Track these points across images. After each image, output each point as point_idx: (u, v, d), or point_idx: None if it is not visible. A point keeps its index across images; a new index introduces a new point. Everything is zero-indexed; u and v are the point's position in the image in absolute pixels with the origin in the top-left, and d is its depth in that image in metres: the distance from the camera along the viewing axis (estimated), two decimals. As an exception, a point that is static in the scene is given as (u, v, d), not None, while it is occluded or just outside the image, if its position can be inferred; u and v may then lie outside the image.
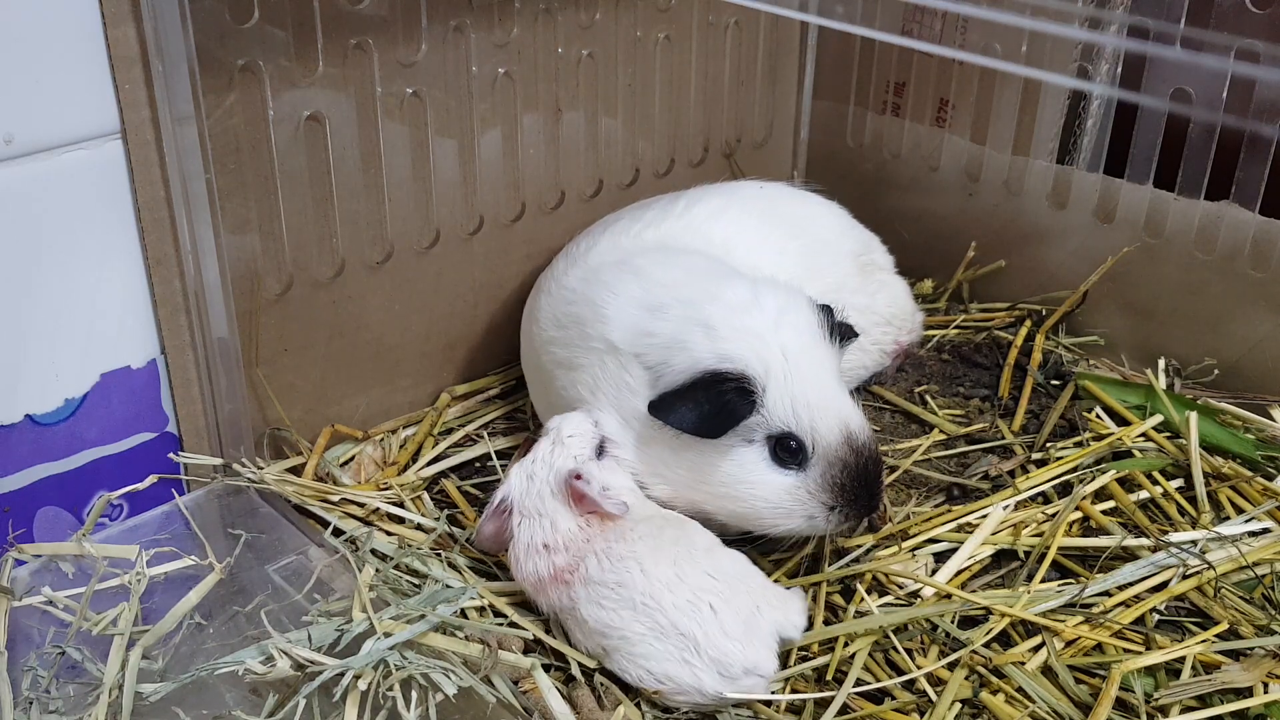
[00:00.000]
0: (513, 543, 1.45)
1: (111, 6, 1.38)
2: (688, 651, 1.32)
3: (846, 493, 1.44)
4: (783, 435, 1.44)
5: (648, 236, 1.76)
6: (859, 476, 1.45)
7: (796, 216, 1.92)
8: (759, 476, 1.45)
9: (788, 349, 1.45)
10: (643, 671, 1.34)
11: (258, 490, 1.60)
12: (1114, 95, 1.99)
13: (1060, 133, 2.08)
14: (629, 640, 1.34)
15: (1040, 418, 1.87)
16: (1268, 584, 1.50)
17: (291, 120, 1.59)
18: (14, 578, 1.41)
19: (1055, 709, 1.34)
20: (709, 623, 1.33)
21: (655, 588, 1.34)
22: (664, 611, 1.33)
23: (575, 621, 1.39)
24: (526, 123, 1.87)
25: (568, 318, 1.63)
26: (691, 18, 2.05)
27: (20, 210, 1.40)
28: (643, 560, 1.37)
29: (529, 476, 1.47)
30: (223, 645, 1.35)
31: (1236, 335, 1.90)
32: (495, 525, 1.48)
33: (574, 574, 1.39)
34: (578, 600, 1.38)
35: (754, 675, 1.33)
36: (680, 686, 1.32)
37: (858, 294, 1.85)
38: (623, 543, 1.39)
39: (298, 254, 1.67)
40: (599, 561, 1.38)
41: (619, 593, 1.35)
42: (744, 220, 1.82)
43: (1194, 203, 1.88)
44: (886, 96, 2.25)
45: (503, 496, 1.48)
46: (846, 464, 1.44)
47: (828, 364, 1.50)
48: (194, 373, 1.60)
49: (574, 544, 1.41)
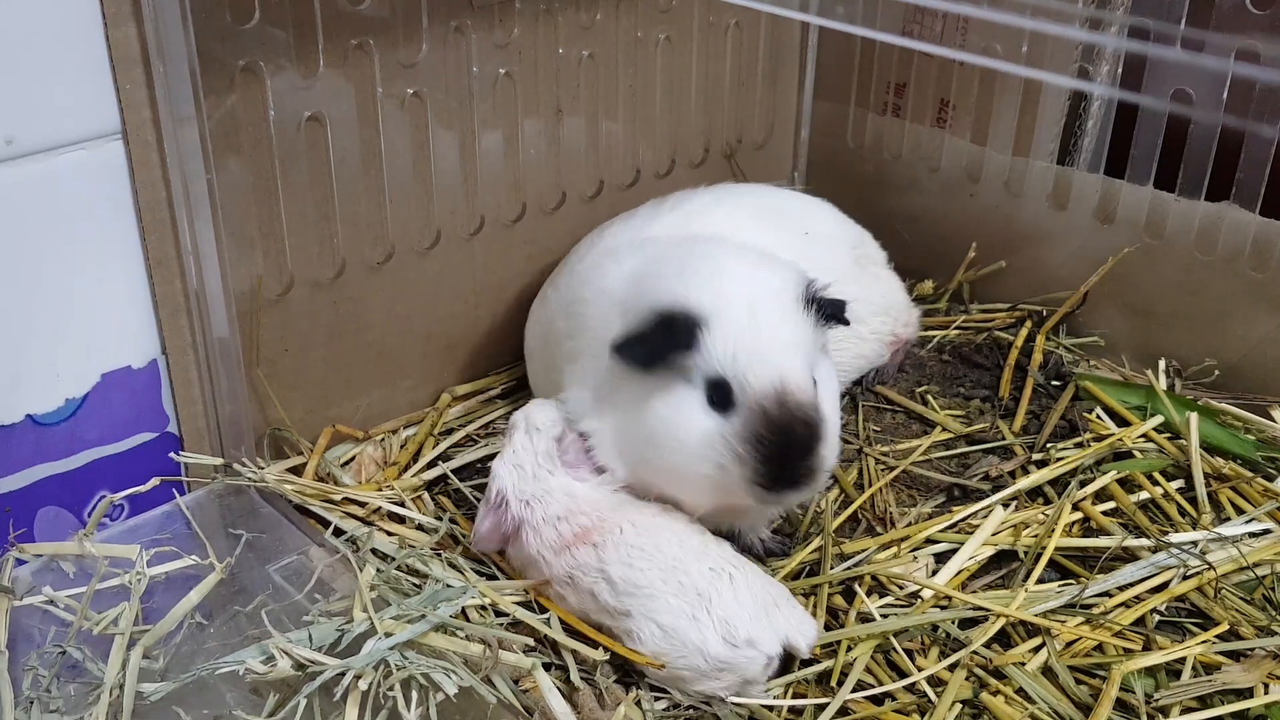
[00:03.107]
0: (521, 528, 1.47)
1: (112, 6, 1.38)
2: (699, 610, 1.36)
3: (763, 447, 1.37)
4: (717, 380, 1.40)
5: (653, 229, 1.77)
6: (781, 433, 1.37)
7: (790, 210, 1.93)
8: (686, 415, 1.42)
9: (750, 301, 1.42)
10: (654, 626, 1.37)
11: (258, 490, 1.60)
12: (1114, 95, 1.99)
13: (1060, 133, 2.08)
14: (652, 597, 1.38)
15: (1041, 418, 1.87)
16: (1268, 585, 1.50)
17: (292, 120, 1.59)
18: (15, 577, 1.41)
19: (1055, 709, 1.34)
20: (725, 588, 1.38)
21: (686, 554, 1.40)
22: (688, 574, 1.39)
23: (605, 580, 1.41)
24: (527, 123, 1.87)
25: (575, 299, 1.65)
26: (692, 19, 2.05)
27: (21, 210, 1.40)
28: (679, 531, 1.44)
29: (517, 466, 1.49)
30: (223, 645, 1.35)
31: (1237, 336, 1.90)
32: (493, 519, 1.49)
33: (606, 536, 1.42)
34: (608, 561, 1.41)
35: (755, 649, 1.35)
36: (684, 644, 1.35)
37: (853, 285, 1.83)
38: (663, 516, 1.46)
39: (298, 254, 1.67)
40: (635, 527, 1.43)
41: (652, 555, 1.40)
42: (737, 214, 1.82)
43: (1194, 203, 1.88)
44: (887, 97, 2.25)
45: (496, 491, 1.49)
46: (770, 418, 1.37)
47: (788, 326, 1.43)
48: (195, 373, 1.60)
49: (597, 506, 1.46)
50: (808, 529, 1.66)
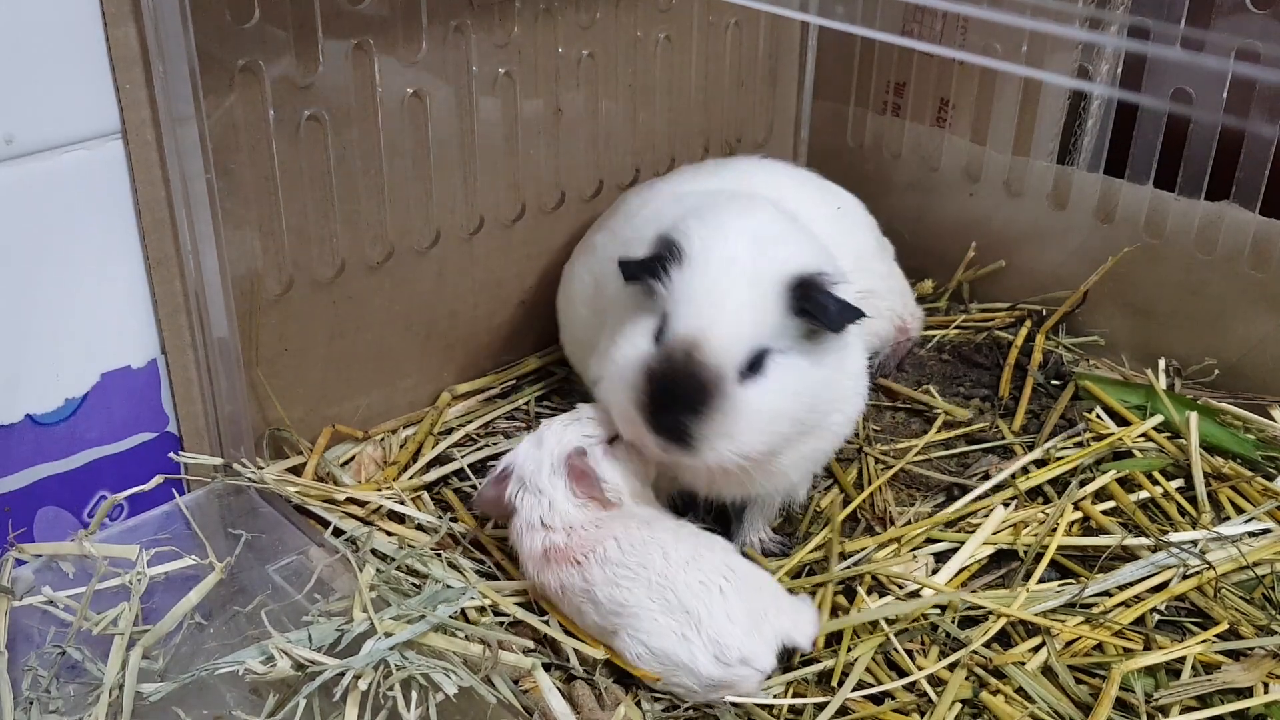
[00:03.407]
0: (515, 516, 1.45)
1: (111, 6, 1.38)
2: (688, 628, 1.33)
3: (648, 384, 1.38)
4: (663, 313, 1.42)
5: (708, 184, 1.79)
6: (664, 377, 1.36)
7: (826, 185, 1.96)
8: (632, 337, 1.44)
9: (730, 259, 1.41)
10: (642, 648, 1.34)
11: (258, 490, 1.60)
12: (1114, 95, 1.99)
13: (1060, 133, 2.07)
14: (638, 616, 1.35)
15: (1040, 418, 1.87)
16: (1268, 584, 1.50)
17: (291, 120, 1.59)
18: (14, 578, 1.41)
19: (1055, 709, 1.34)
20: (715, 604, 1.33)
21: (672, 568, 1.36)
22: (674, 589, 1.34)
23: (590, 602, 1.38)
24: (527, 123, 1.87)
25: (636, 239, 1.64)
26: (692, 18, 2.05)
27: (21, 210, 1.40)
28: (665, 545, 1.39)
29: (536, 443, 1.48)
30: (223, 645, 1.35)
31: (1236, 335, 1.90)
32: (495, 492, 1.48)
33: (589, 555, 1.39)
34: (594, 582, 1.38)
35: (749, 667, 1.33)
36: (675, 664, 1.33)
37: (878, 262, 1.92)
38: (646, 529, 1.41)
39: (298, 254, 1.67)
40: (619, 545, 1.39)
41: (638, 573, 1.36)
42: (779, 177, 1.87)
43: (1194, 203, 1.88)
44: (887, 97, 2.25)
45: (506, 464, 1.48)
46: (667, 360, 1.37)
47: (748, 295, 1.39)
48: (194, 373, 1.60)
49: (575, 527, 1.42)
50: (808, 528, 1.66)
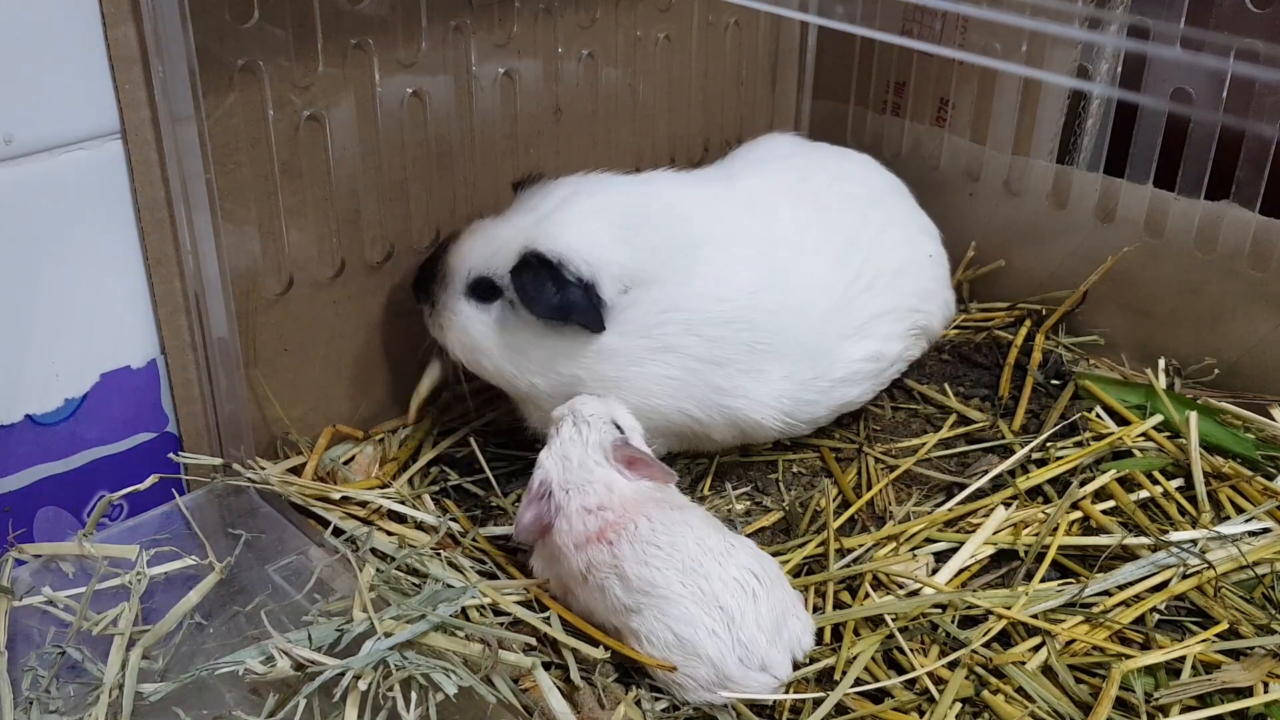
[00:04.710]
0: (558, 516, 1.45)
1: (111, 6, 1.38)
2: (720, 626, 1.33)
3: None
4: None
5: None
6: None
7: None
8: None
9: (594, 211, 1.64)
10: (669, 634, 1.34)
11: (258, 490, 1.60)
12: (1114, 95, 1.99)
13: (1060, 133, 2.08)
14: (668, 600, 1.35)
15: (1040, 417, 1.87)
16: (1268, 584, 1.50)
17: (291, 120, 1.59)
18: (14, 578, 1.41)
19: (1055, 709, 1.34)
20: (748, 607, 1.35)
21: (705, 557, 1.37)
22: (709, 580, 1.35)
23: (618, 577, 1.38)
24: (526, 122, 1.87)
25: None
26: (691, 18, 2.05)
27: (20, 210, 1.40)
28: (695, 526, 1.40)
29: (564, 458, 1.48)
30: (223, 645, 1.35)
31: (1236, 335, 1.90)
32: (535, 510, 1.47)
33: (621, 532, 1.40)
34: (622, 557, 1.38)
35: (768, 674, 1.34)
36: (698, 657, 1.33)
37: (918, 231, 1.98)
38: (678, 510, 1.43)
39: (298, 254, 1.67)
40: (650, 523, 1.40)
41: (669, 553, 1.37)
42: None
43: (1194, 202, 1.88)
44: (886, 96, 2.25)
45: (540, 482, 1.48)
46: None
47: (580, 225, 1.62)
48: (194, 373, 1.60)
49: (626, 504, 1.43)
50: (807, 528, 1.66)
